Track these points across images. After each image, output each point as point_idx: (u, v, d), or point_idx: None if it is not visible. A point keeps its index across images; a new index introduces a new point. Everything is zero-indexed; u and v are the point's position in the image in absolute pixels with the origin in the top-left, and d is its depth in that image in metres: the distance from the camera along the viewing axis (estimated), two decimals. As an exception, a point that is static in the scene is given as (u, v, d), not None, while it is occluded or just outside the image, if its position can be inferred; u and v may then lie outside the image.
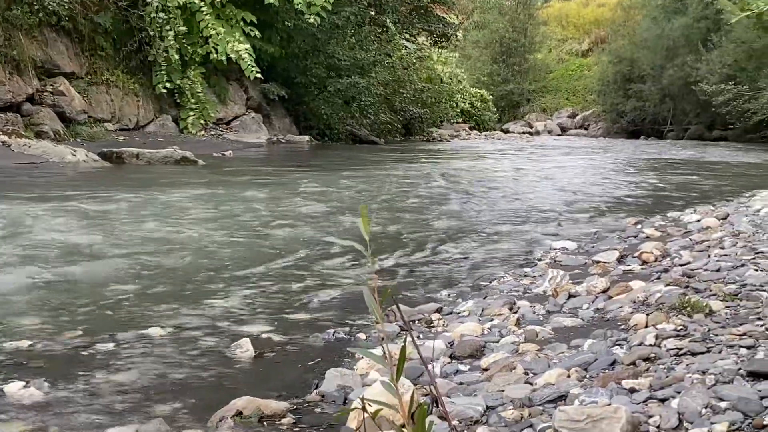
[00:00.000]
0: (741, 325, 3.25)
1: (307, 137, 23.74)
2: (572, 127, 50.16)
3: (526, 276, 5.53)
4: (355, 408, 1.81)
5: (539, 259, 6.35)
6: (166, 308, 4.61)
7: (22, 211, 7.65)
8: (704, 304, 3.60)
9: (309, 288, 5.29)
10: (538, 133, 47.69)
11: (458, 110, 42.00)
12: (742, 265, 4.60)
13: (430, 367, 3.32)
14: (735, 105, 29.29)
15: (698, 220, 7.29)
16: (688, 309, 3.58)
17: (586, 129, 49.45)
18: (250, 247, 6.70)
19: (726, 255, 5.09)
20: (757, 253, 4.93)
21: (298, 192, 10.49)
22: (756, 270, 4.40)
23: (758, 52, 28.83)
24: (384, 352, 1.68)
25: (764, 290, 3.86)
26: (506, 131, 46.33)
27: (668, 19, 39.61)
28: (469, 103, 43.64)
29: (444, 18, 33.85)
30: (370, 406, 1.69)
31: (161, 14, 18.87)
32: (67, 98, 17.16)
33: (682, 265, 5.01)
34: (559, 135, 47.26)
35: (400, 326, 4.19)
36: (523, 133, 46.39)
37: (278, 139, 22.69)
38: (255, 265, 5.92)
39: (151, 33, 19.13)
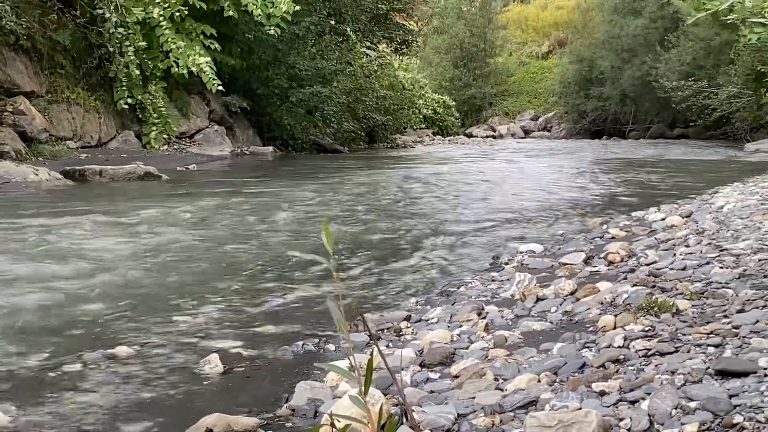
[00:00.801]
0: (708, 323, 3.27)
1: (270, 148, 23.68)
2: (535, 130, 50.40)
3: (493, 280, 5.53)
4: (325, 424, 1.79)
5: (506, 263, 6.36)
6: (133, 326, 4.56)
7: (-17, 232, 7.56)
8: (671, 304, 3.62)
9: (276, 300, 5.26)
10: (501, 136, 47.83)
11: (421, 116, 42.08)
12: (707, 263, 4.63)
13: (398, 376, 3.31)
14: (695, 101, 29.56)
15: (663, 219, 7.34)
16: (656, 309, 3.60)
17: (548, 131, 49.71)
18: (216, 260, 6.66)
19: (691, 253, 5.12)
20: (721, 251, 4.96)
21: (263, 204, 10.45)
22: (721, 267, 4.43)
23: (716, 49, 29.11)
24: (351, 365, 1.67)
25: (729, 288, 3.88)
26: (470, 135, 46.45)
27: (625, 19, 39.90)
28: (431, 109, 43.73)
29: (404, 25, 33.94)
30: (338, 421, 1.67)
31: (120, 30, 18.76)
32: (27, 117, 17.00)
33: (648, 265, 5.04)
34: (522, 138, 47.45)
35: (369, 335, 4.18)
36: (487, 137, 46.51)
37: (242, 150, 22.61)
38: (222, 279, 5.88)
39: (111, 49, 19.01)
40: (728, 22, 5.06)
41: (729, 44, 26.75)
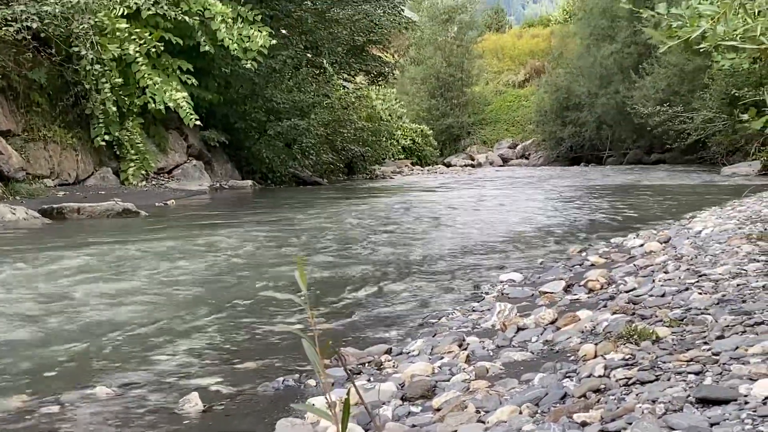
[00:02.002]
0: (688, 350, 3.27)
1: (249, 182, 23.66)
2: (513, 158, 50.62)
3: (474, 311, 5.52)
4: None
5: (486, 293, 6.36)
6: (112, 366, 4.53)
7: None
8: (651, 332, 3.61)
9: (256, 336, 5.24)
10: (480, 165, 47.98)
11: (399, 147, 42.19)
12: (686, 289, 4.64)
13: (377, 412, 3.29)
14: (671, 126, 29.76)
15: (641, 245, 7.36)
16: (635, 337, 3.59)
17: (527, 158, 49.92)
18: (195, 297, 6.63)
19: (670, 279, 5.13)
20: (700, 276, 4.97)
21: (241, 239, 10.41)
22: (700, 293, 4.43)
23: (690, 75, 29.35)
24: (329, 405, 1.65)
25: (709, 314, 3.89)
26: (448, 165, 46.57)
27: (599, 47, 40.19)
28: (410, 139, 43.87)
29: (380, 57, 34.09)
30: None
31: (96, 67, 18.73)
32: (4, 156, 16.91)
33: (627, 292, 5.05)
34: (500, 166, 47.62)
35: (346, 372, 4.15)
36: (465, 165, 46.65)
37: (221, 185, 22.58)
38: (201, 315, 5.85)
39: (87, 86, 18.97)
40: (700, 47, 5.10)
41: (702, 69, 26.99)
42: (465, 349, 4.37)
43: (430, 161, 44.99)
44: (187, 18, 19.86)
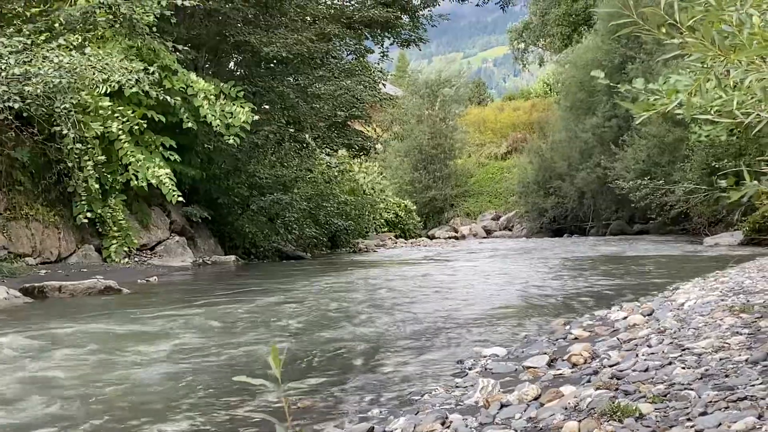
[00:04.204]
0: (671, 427, 3.24)
1: (233, 257, 23.60)
2: (497, 229, 50.78)
3: (457, 387, 5.47)
4: None
5: (470, 368, 6.31)
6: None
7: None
8: (634, 408, 3.58)
9: (236, 418, 5.17)
10: (463, 237, 48.12)
11: (383, 220, 42.30)
12: (670, 363, 4.61)
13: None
14: (652, 199, 29.96)
15: (625, 318, 7.34)
16: (619, 414, 3.56)
17: (510, 230, 50.11)
18: (174, 378, 6.54)
19: (653, 353, 5.11)
20: (683, 350, 4.95)
21: (220, 316, 10.32)
22: (683, 368, 4.41)
23: (670, 146, 29.61)
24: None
25: (692, 389, 3.86)
26: (432, 237, 46.70)
27: (579, 120, 40.54)
28: (393, 213, 44.01)
29: (362, 132, 34.35)
30: None
31: (79, 145, 18.77)
32: (-15, 235, 16.89)
33: (611, 366, 5.01)
34: (484, 238, 47.77)
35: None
36: (449, 238, 46.78)
37: (204, 260, 22.51)
38: (174, 398, 5.77)
39: (70, 164, 18.98)
40: (678, 119, 5.16)
41: (682, 140, 27.26)
42: (448, 427, 4.32)
43: (414, 234, 45.12)
44: (168, 98, 19.98)
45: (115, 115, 19.85)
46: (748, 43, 3.49)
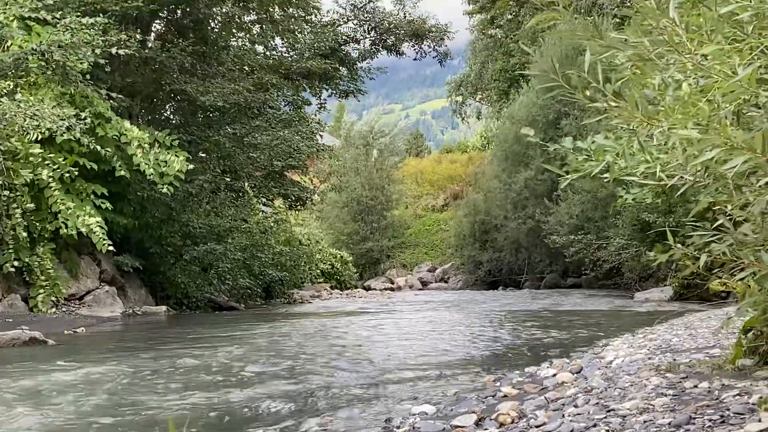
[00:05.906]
0: (592, 495, 3.18)
1: (164, 308, 23.27)
2: (433, 281, 50.88)
3: (383, 448, 5.38)
4: None
5: (398, 427, 6.20)
6: None
7: None
8: (556, 474, 3.52)
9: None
10: (399, 288, 48.11)
11: (318, 271, 42.14)
12: (594, 426, 4.56)
13: None
14: (586, 254, 30.24)
15: (554, 375, 7.30)
16: (540, 480, 3.50)
17: (446, 282, 50.23)
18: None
19: (579, 414, 5.06)
20: (608, 411, 4.91)
21: (141, 373, 10.07)
22: (607, 430, 4.36)
23: (603, 201, 29.95)
24: None
25: (615, 454, 3.81)
26: (368, 288, 46.61)
27: (514, 172, 40.84)
28: (329, 264, 43.88)
29: (299, 182, 34.29)
30: None
31: (7, 192, 18.46)
32: None
33: (537, 427, 4.95)
34: (420, 289, 47.79)
35: None
36: (385, 289, 46.71)
37: (134, 311, 22.15)
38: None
39: (-3, 211, 18.66)
40: (605, 181, 5.16)
41: (614, 196, 27.57)
42: (369, 491, 4.21)
43: (350, 285, 44.99)
44: (99, 148, 19.77)
45: (46, 162, 19.58)
46: (672, 108, 3.50)
